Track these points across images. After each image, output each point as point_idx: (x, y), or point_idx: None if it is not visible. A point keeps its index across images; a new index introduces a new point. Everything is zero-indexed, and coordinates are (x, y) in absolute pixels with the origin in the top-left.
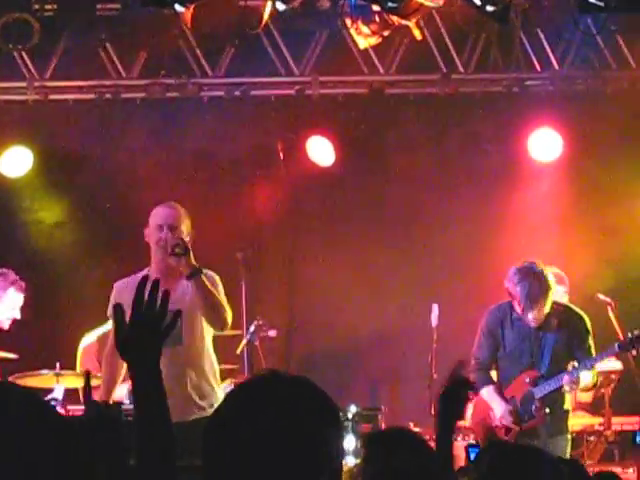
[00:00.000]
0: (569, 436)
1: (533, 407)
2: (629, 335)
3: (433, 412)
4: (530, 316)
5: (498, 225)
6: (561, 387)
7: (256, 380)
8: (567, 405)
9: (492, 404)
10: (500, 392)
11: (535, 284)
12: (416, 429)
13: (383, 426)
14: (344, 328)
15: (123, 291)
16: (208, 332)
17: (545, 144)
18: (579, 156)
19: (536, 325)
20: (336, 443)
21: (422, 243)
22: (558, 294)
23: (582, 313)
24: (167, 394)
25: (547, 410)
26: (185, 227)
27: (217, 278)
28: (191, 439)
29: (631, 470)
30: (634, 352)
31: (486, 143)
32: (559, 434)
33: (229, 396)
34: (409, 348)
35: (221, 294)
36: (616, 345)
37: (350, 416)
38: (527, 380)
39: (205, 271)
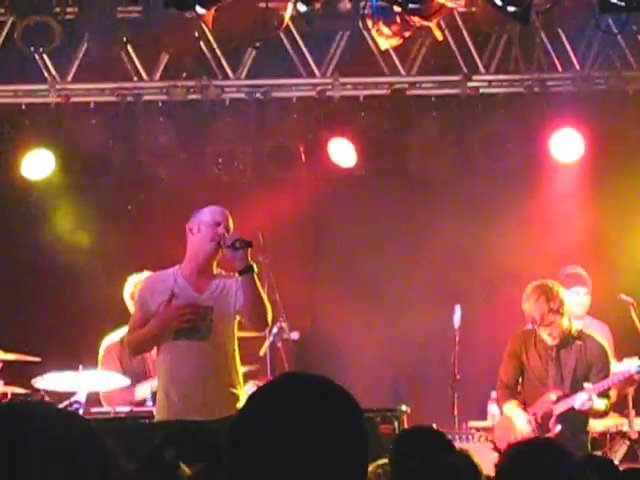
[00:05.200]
0: None
1: (550, 423)
2: None
3: (455, 412)
4: (545, 333)
5: (520, 226)
6: (573, 408)
7: (278, 381)
8: (589, 427)
9: (513, 417)
10: (522, 407)
11: (544, 302)
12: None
13: (405, 427)
14: (366, 329)
15: (154, 283)
16: (235, 332)
17: (566, 144)
18: (600, 156)
19: (553, 342)
20: (360, 440)
21: (444, 244)
22: (579, 296)
23: (604, 343)
24: (192, 391)
25: (559, 427)
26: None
27: None
28: (209, 438)
29: None
30: None
31: (507, 144)
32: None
33: (252, 397)
34: (432, 349)
35: None
36: (631, 370)
37: (372, 416)
38: (552, 398)
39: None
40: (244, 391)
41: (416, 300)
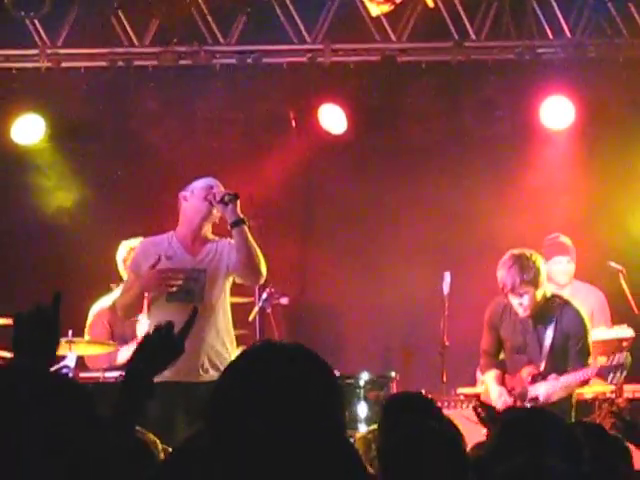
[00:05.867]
0: None
1: (526, 405)
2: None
3: (444, 379)
4: (515, 302)
5: (510, 192)
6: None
7: (252, 350)
8: (572, 397)
9: (490, 390)
10: (501, 380)
11: (517, 271)
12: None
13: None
14: (356, 295)
15: (148, 247)
16: (227, 296)
17: (557, 112)
18: (591, 124)
19: (524, 314)
20: (335, 408)
21: (434, 210)
22: (561, 265)
23: (582, 311)
24: (184, 353)
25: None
26: None
27: None
28: (203, 400)
29: None
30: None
31: (498, 111)
32: None
33: (229, 365)
34: (421, 316)
35: None
36: (595, 369)
37: (362, 383)
38: (527, 377)
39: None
40: (236, 354)
41: (406, 266)
